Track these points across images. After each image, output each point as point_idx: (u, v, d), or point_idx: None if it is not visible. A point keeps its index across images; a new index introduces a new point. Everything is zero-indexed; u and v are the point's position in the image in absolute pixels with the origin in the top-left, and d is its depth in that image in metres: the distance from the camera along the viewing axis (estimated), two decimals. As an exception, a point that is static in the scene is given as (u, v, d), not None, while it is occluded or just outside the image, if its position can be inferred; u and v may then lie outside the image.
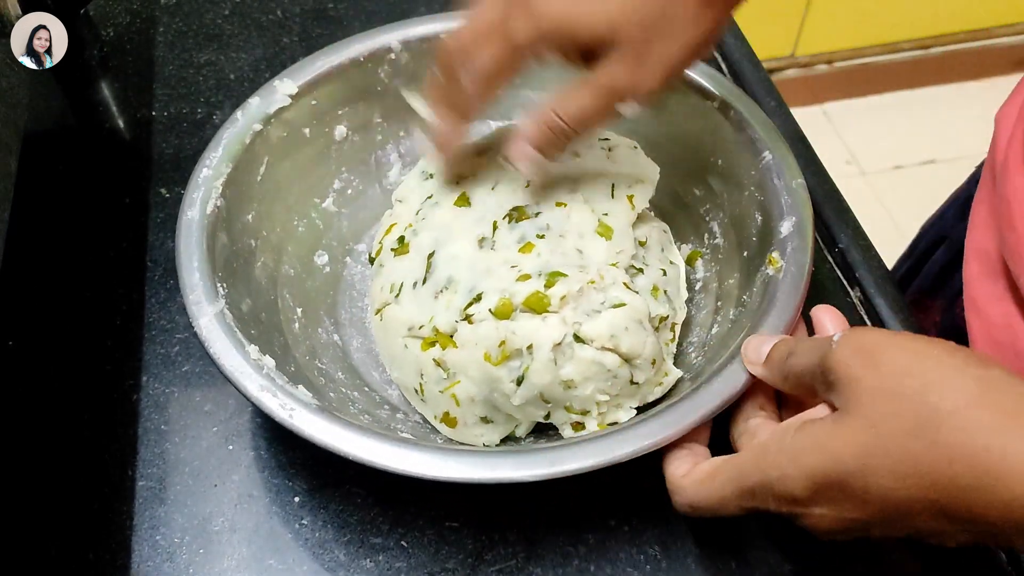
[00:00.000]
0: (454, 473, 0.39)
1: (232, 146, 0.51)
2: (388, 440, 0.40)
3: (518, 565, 0.45)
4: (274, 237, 0.53)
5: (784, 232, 0.47)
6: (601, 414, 0.45)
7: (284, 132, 0.54)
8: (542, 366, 0.44)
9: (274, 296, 0.51)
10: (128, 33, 0.73)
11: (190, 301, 0.44)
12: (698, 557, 0.45)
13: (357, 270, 0.56)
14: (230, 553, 0.45)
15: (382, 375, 0.51)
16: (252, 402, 0.41)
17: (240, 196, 0.50)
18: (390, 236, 0.52)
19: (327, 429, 0.40)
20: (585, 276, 0.45)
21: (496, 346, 0.44)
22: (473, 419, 0.46)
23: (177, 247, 0.46)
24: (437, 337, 0.46)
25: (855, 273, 0.56)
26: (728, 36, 0.71)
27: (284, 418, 0.41)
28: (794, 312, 0.44)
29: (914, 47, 1.78)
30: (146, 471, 0.48)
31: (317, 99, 0.55)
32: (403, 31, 0.57)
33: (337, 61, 0.55)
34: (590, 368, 0.44)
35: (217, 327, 0.43)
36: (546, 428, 0.48)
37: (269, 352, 0.44)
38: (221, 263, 0.47)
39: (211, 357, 0.42)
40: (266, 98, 0.53)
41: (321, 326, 0.52)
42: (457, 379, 0.45)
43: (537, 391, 0.44)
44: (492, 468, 0.39)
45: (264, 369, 0.42)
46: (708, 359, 0.47)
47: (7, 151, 0.58)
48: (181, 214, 0.47)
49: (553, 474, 0.39)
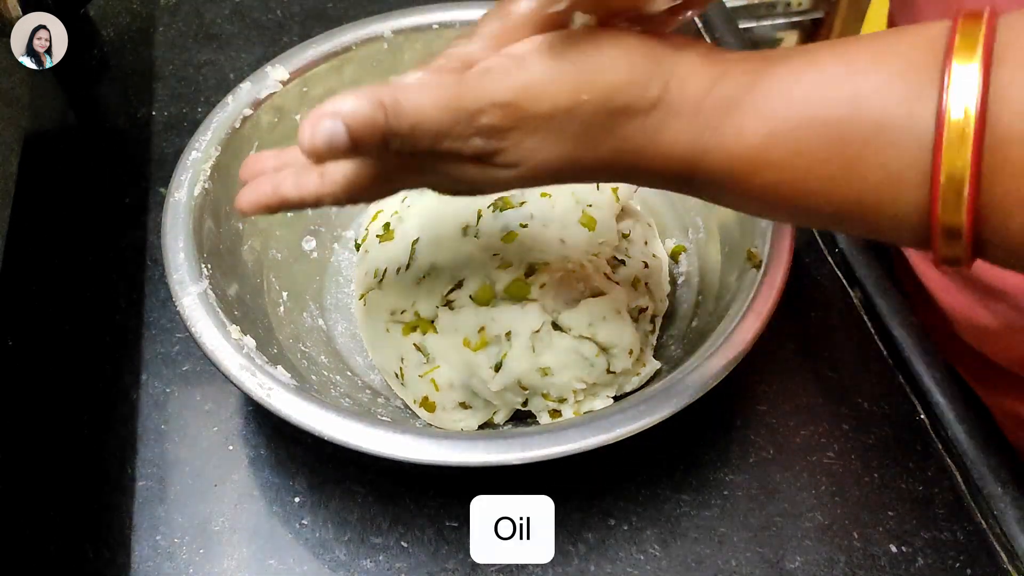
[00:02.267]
0: (428, 455, 0.39)
1: (221, 130, 0.51)
2: (365, 421, 0.40)
3: (518, 565, 0.45)
4: (262, 221, 0.53)
5: (763, 224, 0.47)
6: (578, 402, 0.46)
7: (274, 118, 0.54)
8: (520, 353, 0.44)
9: (260, 279, 0.51)
10: (128, 33, 0.73)
11: (173, 281, 0.44)
12: (698, 557, 0.45)
13: (344, 256, 0.57)
14: (230, 553, 0.45)
15: (365, 360, 0.52)
16: (231, 381, 0.41)
17: (228, 180, 0.50)
18: (376, 223, 0.52)
19: (304, 409, 0.40)
20: (566, 265, 0.45)
21: (475, 332, 0.44)
22: (452, 404, 0.47)
23: (163, 228, 0.46)
24: (418, 322, 0.46)
25: (855, 273, 0.56)
26: (728, 36, 0.71)
27: (262, 397, 0.41)
28: (772, 305, 0.44)
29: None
30: (146, 471, 0.48)
31: (308, 86, 0.55)
32: (395, 21, 0.57)
33: (329, 48, 0.56)
34: (567, 356, 0.44)
35: (199, 306, 0.43)
36: (525, 416, 0.48)
37: (251, 333, 0.44)
38: (207, 245, 0.47)
39: (192, 336, 0.43)
40: (257, 83, 0.53)
41: (306, 310, 0.53)
42: (437, 364, 0.46)
43: (515, 377, 0.45)
44: (466, 451, 0.39)
45: (244, 349, 0.42)
46: (687, 350, 0.47)
47: (7, 151, 0.58)
48: (168, 196, 0.48)
49: (526, 458, 0.39)
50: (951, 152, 0.26)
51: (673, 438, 0.47)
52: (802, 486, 0.47)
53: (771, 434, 0.49)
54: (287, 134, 0.55)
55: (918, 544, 0.45)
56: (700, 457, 0.48)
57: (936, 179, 0.26)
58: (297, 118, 0.55)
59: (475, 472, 0.41)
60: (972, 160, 0.26)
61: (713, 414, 0.49)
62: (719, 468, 0.48)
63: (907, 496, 0.47)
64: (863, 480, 0.47)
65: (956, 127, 0.26)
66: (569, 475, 0.47)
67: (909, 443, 0.49)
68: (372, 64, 0.57)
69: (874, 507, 0.46)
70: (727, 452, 0.48)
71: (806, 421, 0.50)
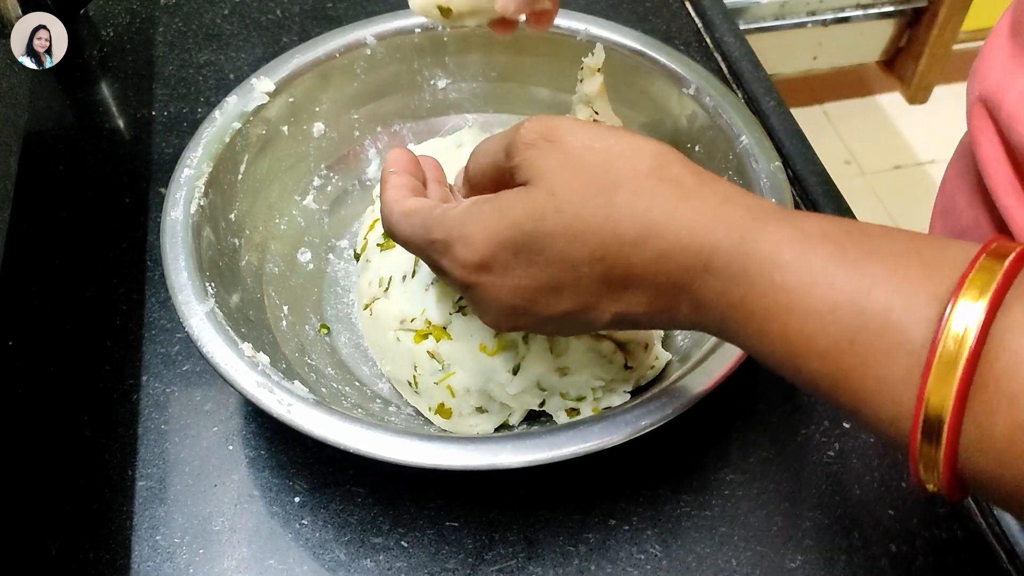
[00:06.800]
0: (462, 461, 0.39)
1: (212, 145, 0.51)
2: (390, 432, 0.40)
3: (518, 565, 0.45)
4: (257, 235, 0.53)
5: None
6: (596, 399, 0.46)
7: (263, 130, 0.54)
8: (538, 355, 0.44)
9: (260, 294, 0.51)
10: (128, 33, 0.73)
11: (179, 301, 0.44)
12: (698, 556, 0.45)
13: (340, 266, 0.57)
14: (230, 553, 0.45)
15: (372, 369, 0.52)
16: (249, 399, 0.41)
17: (222, 195, 0.50)
18: (374, 232, 0.52)
19: (327, 423, 0.40)
20: None
21: (491, 337, 0.44)
22: (468, 409, 0.47)
23: (163, 248, 0.46)
24: (430, 329, 0.46)
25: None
26: (728, 36, 0.71)
27: (282, 413, 0.40)
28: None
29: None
30: (146, 471, 0.48)
31: (294, 96, 0.55)
32: (377, 26, 0.57)
33: (312, 57, 0.55)
34: (585, 355, 0.44)
35: (209, 326, 0.43)
36: (539, 416, 0.48)
37: (261, 349, 0.44)
38: (208, 262, 0.47)
39: (204, 356, 0.42)
40: (244, 96, 0.53)
41: (308, 323, 0.53)
42: (452, 370, 0.46)
43: (534, 380, 0.45)
44: (495, 454, 0.39)
45: (259, 366, 0.42)
46: (695, 341, 0.47)
47: (7, 151, 0.58)
48: (164, 214, 0.47)
49: (554, 457, 0.39)
50: (938, 380, 0.25)
51: (673, 438, 0.47)
52: (802, 486, 0.47)
53: (771, 434, 0.49)
54: (276, 146, 0.55)
55: (918, 544, 0.45)
56: (700, 457, 0.48)
57: (920, 401, 0.26)
58: (285, 129, 0.55)
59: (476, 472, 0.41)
60: (957, 393, 0.25)
61: (713, 414, 0.49)
62: (719, 468, 0.48)
63: (907, 496, 0.47)
64: (863, 480, 0.47)
65: (947, 356, 0.25)
66: (569, 475, 0.47)
67: (909, 443, 0.49)
68: (357, 71, 0.57)
69: (874, 507, 0.46)
70: (727, 452, 0.48)
71: (806, 421, 0.50)
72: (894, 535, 0.45)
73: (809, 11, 1.58)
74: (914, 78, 1.74)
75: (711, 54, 0.71)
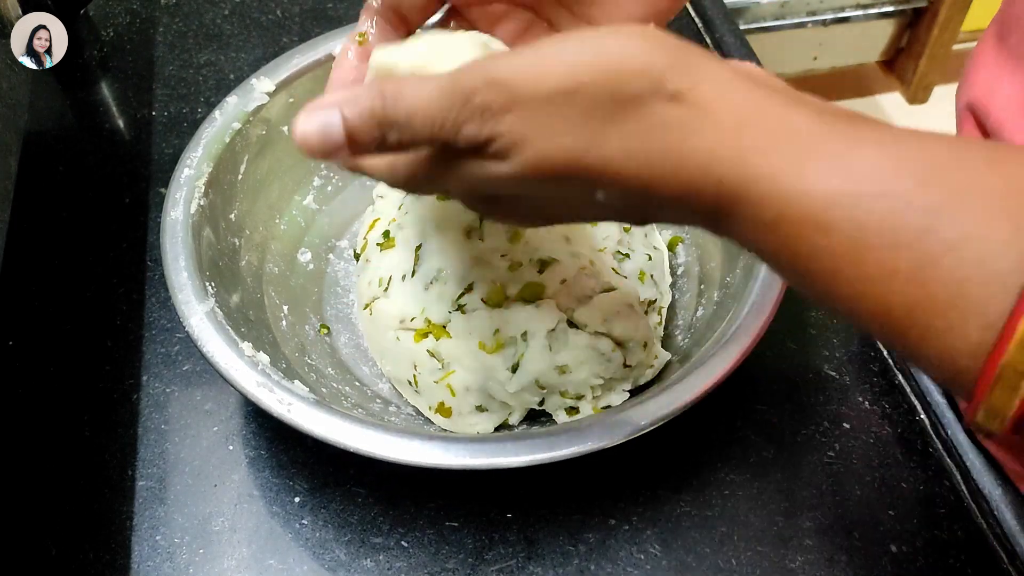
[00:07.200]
0: (461, 460, 0.39)
1: (212, 145, 0.51)
2: (390, 432, 0.40)
3: (518, 565, 0.45)
4: (257, 235, 0.53)
5: None
6: (596, 398, 0.46)
7: (263, 130, 0.54)
8: (537, 353, 0.44)
9: (260, 294, 0.51)
10: (128, 33, 0.73)
11: (179, 301, 0.44)
12: (698, 556, 0.45)
13: (340, 266, 0.57)
14: (230, 553, 0.45)
15: (372, 369, 0.52)
16: (249, 399, 0.41)
17: (222, 195, 0.50)
18: (374, 232, 0.52)
19: (327, 423, 0.40)
20: (578, 262, 0.45)
21: (491, 335, 0.44)
22: (468, 408, 0.47)
23: (163, 248, 0.46)
24: (430, 328, 0.46)
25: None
26: (728, 36, 0.71)
27: (282, 413, 0.40)
28: (778, 290, 0.44)
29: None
30: (146, 471, 0.48)
31: (294, 96, 0.55)
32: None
33: (312, 58, 0.55)
34: (585, 353, 0.45)
35: (209, 326, 0.43)
36: (538, 415, 0.48)
37: (261, 349, 0.44)
38: (207, 262, 0.47)
39: (204, 356, 0.42)
40: (244, 96, 0.53)
41: (308, 323, 0.53)
42: (452, 369, 0.46)
43: (533, 378, 0.45)
44: (495, 454, 0.39)
45: (260, 366, 0.42)
46: (695, 341, 0.47)
47: (7, 151, 0.58)
48: (164, 215, 0.47)
49: (554, 457, 0.39)
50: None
51: (673, 438, 0.47)
52: (802, 486, 0.47)
53: (771, 434, 0.49)
54: (276, 146, 0.55)
55: (918, 544, 0.45)
56: (700, 457, 0.48)
57: (1010, 330, 0.23)
58: (285, 130, 0.55)
59: (476, 472, 0.41)
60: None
61: (713, 414, 0.49)
62: (719, 468, 0.48)
63: (907, 496, 0.47)
64: (863, 480, 0.47)
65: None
66: (569, 475, 0.47)
67: (909, 443, 0.49)
68: None
69: (874, 507, 0.46)
70: (727, 452, 0.48)
71: (806, 421, 0.50)
72: (894, 535, 0.45)
73: (809, 11, 1.58)
74: (914, 78, 1.74)
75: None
